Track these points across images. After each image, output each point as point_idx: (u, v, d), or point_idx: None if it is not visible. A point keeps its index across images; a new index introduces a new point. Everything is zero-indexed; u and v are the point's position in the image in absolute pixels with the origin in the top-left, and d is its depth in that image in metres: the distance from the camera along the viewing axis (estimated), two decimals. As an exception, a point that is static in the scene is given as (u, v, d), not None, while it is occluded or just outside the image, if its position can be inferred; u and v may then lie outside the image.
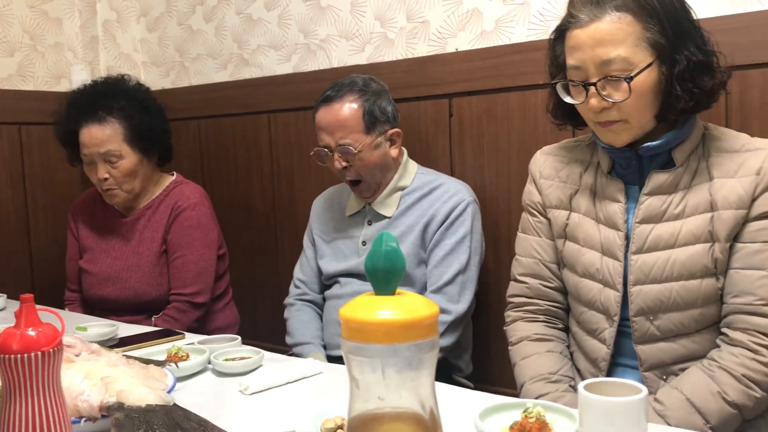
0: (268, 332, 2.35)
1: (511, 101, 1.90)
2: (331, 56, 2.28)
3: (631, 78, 1.17)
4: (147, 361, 1.16)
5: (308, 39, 2.33)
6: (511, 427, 0.96)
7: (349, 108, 1.75)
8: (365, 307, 0.72)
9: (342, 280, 1.88)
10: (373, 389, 0.72)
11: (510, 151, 1.92)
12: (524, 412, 0.96)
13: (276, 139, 2.44)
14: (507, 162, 1.93)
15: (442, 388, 1.22)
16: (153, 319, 1.96)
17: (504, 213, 1.93)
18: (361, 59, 2.19)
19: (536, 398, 1.24)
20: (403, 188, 1.84)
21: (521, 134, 1.89)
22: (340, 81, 1.81)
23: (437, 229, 1.76)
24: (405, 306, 0.71)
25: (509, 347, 1.40)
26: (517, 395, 1.30)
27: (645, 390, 0.87)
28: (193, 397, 1.19)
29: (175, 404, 0.98)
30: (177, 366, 1.23)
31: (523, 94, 1.88)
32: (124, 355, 1.15)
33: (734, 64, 1.52)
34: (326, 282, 1.92)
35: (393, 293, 0.72)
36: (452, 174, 1.97)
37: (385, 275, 0.73)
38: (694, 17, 1.23)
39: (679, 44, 1.18)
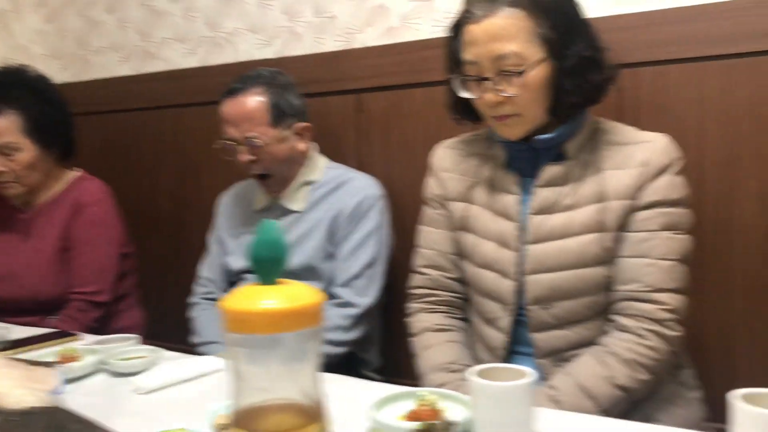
0: (175, 332, 2.29)
1: (419, 97, 1.92)
2: (239, 50, 2.24)
3: (524, 73, 1.20)
4: (36, 363, 1.11)
5: (215, 32, 2.29)
6: (406, 416, 0.97)
7: (254, 100, 1.73)
8: (248, 297, 0.71)
9: (249, 276, 1.85)
10: (257, 381, 0.71)
11: (417, 145, 1.94)
12: (418, 400, 0.97)
13: (182, 135, 2.38)
14: (415, 157, 1.95)
15: (347, 381, 1.23)
16: (48, 319, 1.88)
17: (412, 207, 1.93)
18: (269, 53, 2.16)
19: (436, 387, 1.25)
20: (311, 183, 1.83)
21: (428, 129, 1.91)
22: (246, 74, 1.78)
23: (345, 224, 1.76)
24: (288, 295, 0.70)
25: (411, 338, 1.41)
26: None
27: (532, 375, 0.89)
28: (85, 399, 1.15)
29: (58, 406, 0.94)
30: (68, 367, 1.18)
31: (429, 90, 1.90)
32: (10, 358, 1.10)
33: (627, 62, 1.59)
34: (233, 279, 1.89)
35: (275, 282, 0.71)
36: (361, 169, 1.97)
37: (269, 264, 0.72)
38: (585, 15, 1.27)
39: (569, 40, 1.22)
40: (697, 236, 1.52)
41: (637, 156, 1.24)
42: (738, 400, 0.79)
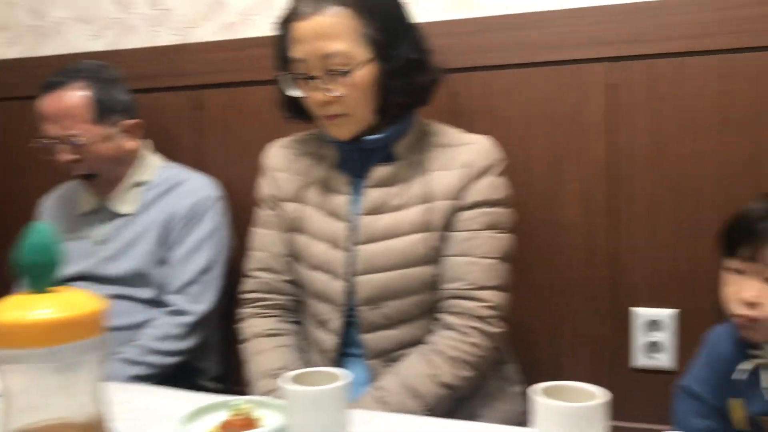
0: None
1: (259, 94, 1.88)
2: (67, 41, 2.09)
3: (351, 72, 1.20)
4: None
5: (40, 20, 2.11)
6: (219, 427, 0.92)
7: (76, 95, 1.61)
8: (16, 307, 0.63)
9: (74, 284, 1.72)
10: (29, 400, 0.64)
11: (258, 145, 1.86)
12: (232, 410, 0.93)
13: (3, 132, 2.18)
14: (255, 156, 1.88)
15: (171, 393, 1.16)
16: None
17: (252, 208, 1.88)
18: (101, 45, 2.03)
19: (264, 394, 1.22)
20: (143, 183, 1.73)
21: (269, 128, 1.85)
22: (67, 67, 1.66)
23: (179, 227, 1.68)
24: (63, 303, 0.64)
25: (242, 345, 1.37)
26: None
27: (347, 378, 0.88)
28: None
29: None
30: None
31: (269, 88, 1.84)
32: None
33: (460, 67, 1.63)
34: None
35: (46, 290, 0.65)
36: (199, 169, 1.89)
37: (40, 270, 0.65)
38: (411, 17, 1.28)
39: (396, 42, 1.23)
40: (525, 235, 1.59)
41: (461, 157, 1.27)
42: (537, 393, 0.81)
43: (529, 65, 1.61)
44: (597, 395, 0.81)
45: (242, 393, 1.29)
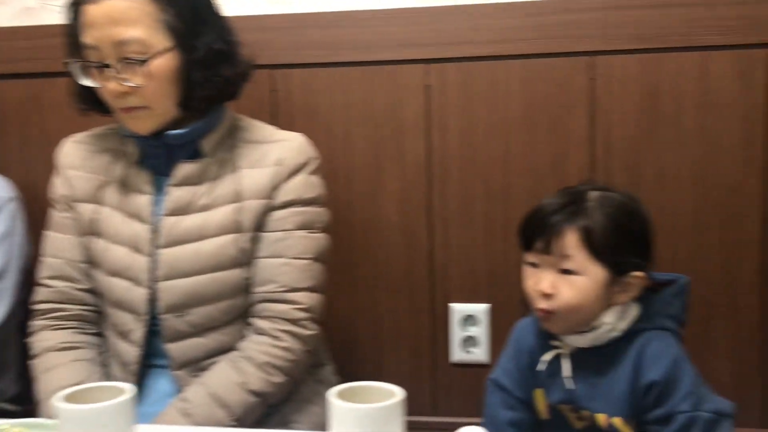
0: None
1: (61, 87, 1.69)
2: None
3: (148, 61, 1.12)
4: None
5: None
6: (-19, 456, 0.81)
7: None
8: None
9: None
10: None
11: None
12: (-4, 436, 0.83)
13: None
14: (58, 155, 1.74)
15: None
16: None
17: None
18: None
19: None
20: None
21: (73, 124, 1.68)
22: None
23: (-37, 232, 1.50)
24: None
25: (31, 361, 1.24)
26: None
27: (129, 393, 0.81)
28: None
29: None
30: None
31: (72, 81, 1.71)
32: None
33: (278, 63, 1.59)
34: None
35: None
36: (-8, 168, 1.71)
37: None
38: (217, 7, 1.22)
39: (198, 31, 1.17)
40: (346, 235, 1.58)
41: (272, 155, 1.22)
42: (332, 396, 0.79)
43: (347, 64, 1.60)
44: (394, 394, 0.80)
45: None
